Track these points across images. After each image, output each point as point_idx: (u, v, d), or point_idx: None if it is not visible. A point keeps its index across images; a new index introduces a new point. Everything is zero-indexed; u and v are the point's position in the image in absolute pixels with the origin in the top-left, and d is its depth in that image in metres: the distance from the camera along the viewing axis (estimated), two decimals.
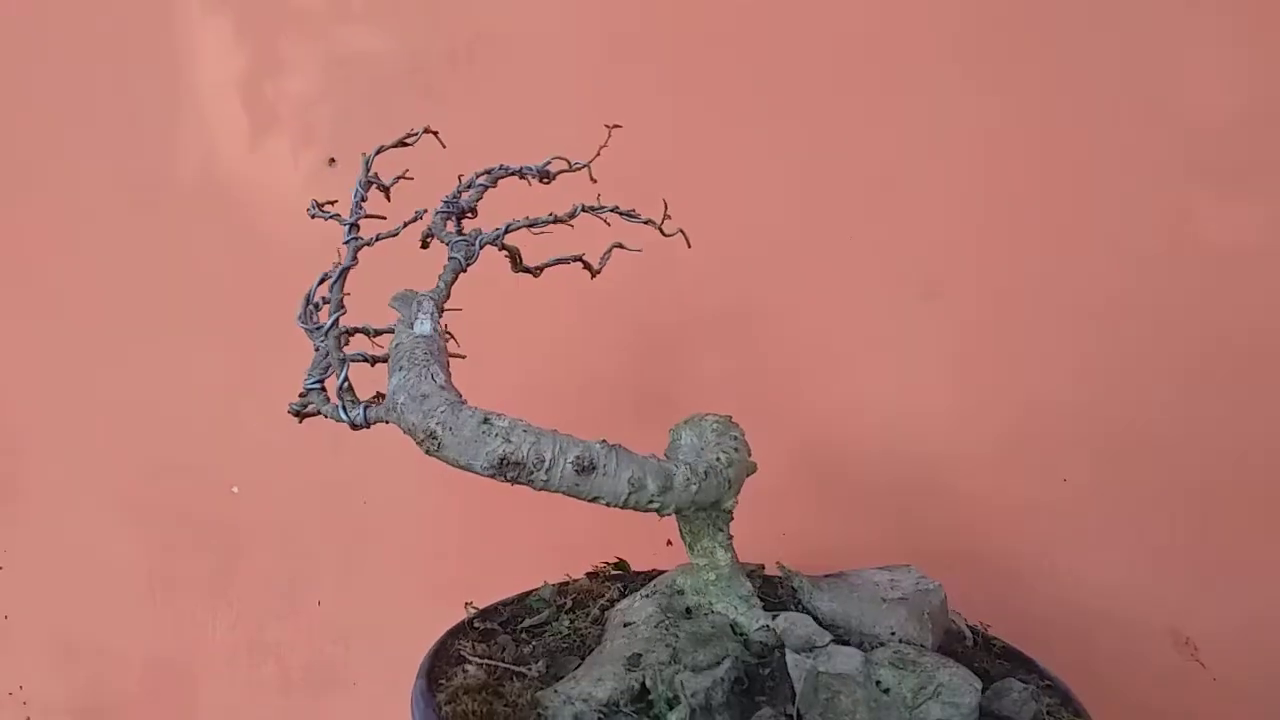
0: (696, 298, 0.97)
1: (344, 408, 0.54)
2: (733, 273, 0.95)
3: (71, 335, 1.31)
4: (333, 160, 1.09)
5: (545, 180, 0.71)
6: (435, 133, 0.64)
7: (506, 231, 0.62)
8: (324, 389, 0.56)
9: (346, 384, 0.54)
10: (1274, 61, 0.79)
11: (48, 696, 1.39)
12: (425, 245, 0.66)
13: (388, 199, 0.63)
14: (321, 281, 0.61)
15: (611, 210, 0.68)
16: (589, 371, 0.99)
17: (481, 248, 0.62)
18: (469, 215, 0.68)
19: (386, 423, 0.53)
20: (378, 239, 0.57)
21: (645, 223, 0.68)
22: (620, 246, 0.72)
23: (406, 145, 0.60)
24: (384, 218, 0.60)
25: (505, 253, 0.67)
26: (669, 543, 0.82)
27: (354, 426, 0.54)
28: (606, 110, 0.96)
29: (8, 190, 1.31)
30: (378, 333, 0.66)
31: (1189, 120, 0.82)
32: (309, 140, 1.12)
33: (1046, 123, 0.86)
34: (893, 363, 0.91)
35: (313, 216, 0.58)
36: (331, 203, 0.59)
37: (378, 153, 0.59)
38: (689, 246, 0.71)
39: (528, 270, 0.69)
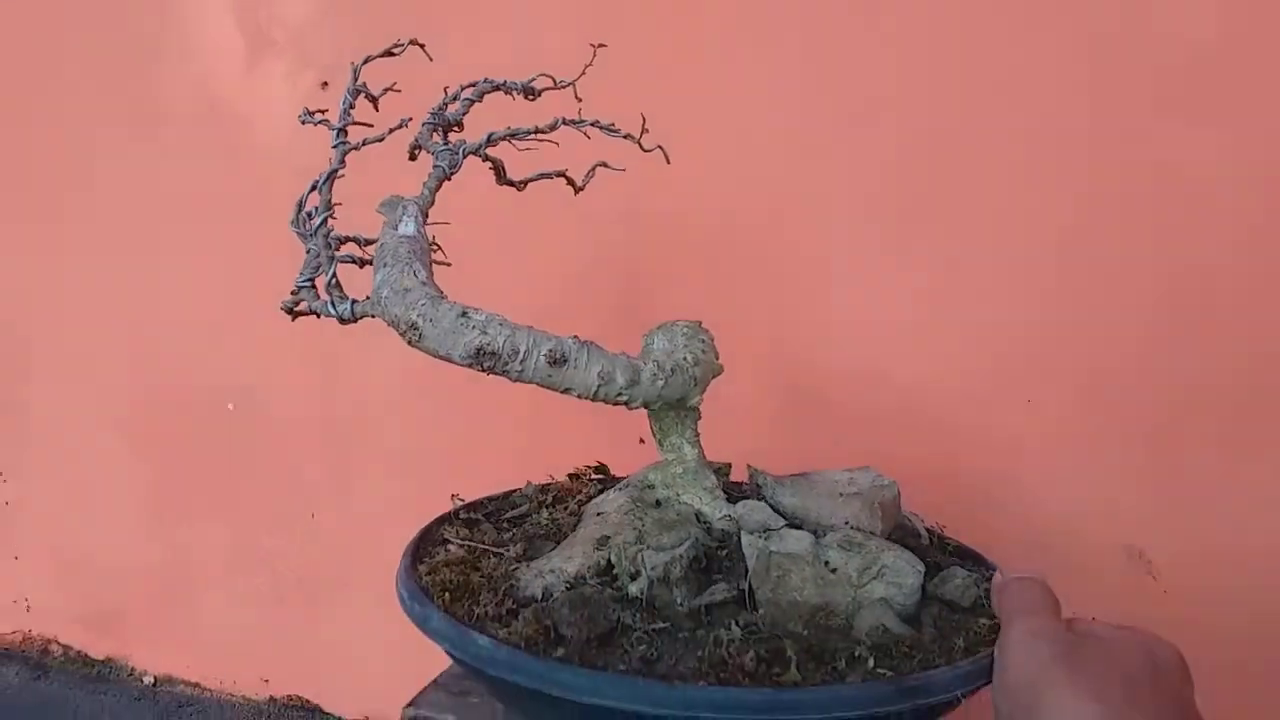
0: (678, 216, 0.99)
1: (332, 303, 0.57)
2: (714, 191, 0.97)
3: (73, 258, 1.35)
4: (325, 84, 1.12)
5: (530, 97, 0.73)
6: (422, 45, 0.66)
7: (489, 142, 0.65)
8: (314, 287, 0.60)
9: (334, 280, 0.58)
10: None
11: (50, 606, 1.46)
12: (413, 157, 0.69)
13: (376, 109, 0.66)
14: (313, 189, 0.64)
15: (591, 124, 0.70)
16: (571, 283, 1.03)
17: (465, 157, 0.65)
18: (455, 129, 0.71)
19: (372, 316, 0.56)
20: (364, 143, 0.60)
21: (625, 137, 0.71)
22: (604, 165, 0.75)
23: (393, 55, 0.63)
24: (371, 125, 0.63)
25: (490, 165, 0.70)
26: (641, 441, 0.86)
27: (342, 320, 0.58)
28: (596, 29, 0.99)
29: (12, 115, 1.34)
30: (368, 242, 0.69)
31: (1156, 50, 0.83)
32: (303, 64, 1.14)
33: (1021, 55, 0.88)
34: (868, 285, 0.95)
35: (303, 122, 0.60)
36: (323, 111, 0.62)
37: (365, 62, 0.62)
38: (668, 162, 0.74)
39: (512, 183, 0.72)
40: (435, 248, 0.71)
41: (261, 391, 1.27)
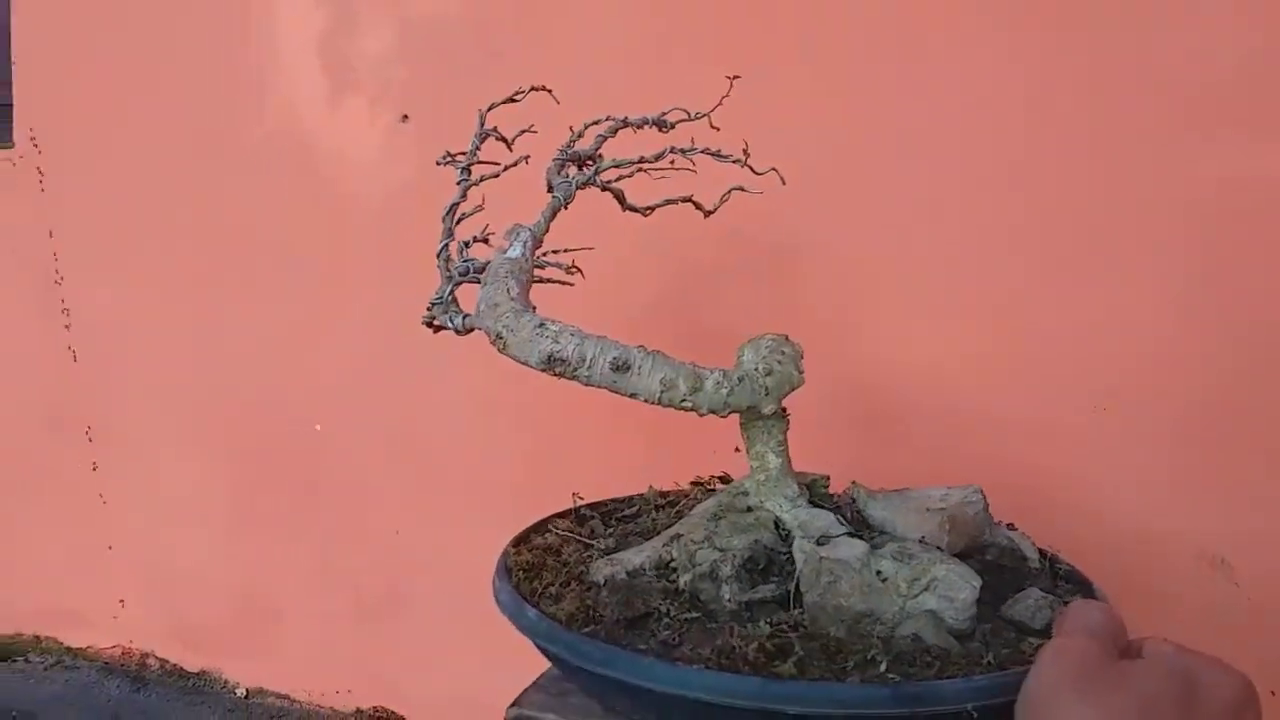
0: (757, 235, 1.02)
1: (450, 318, 0.67)
2: (788, 211, 0.98)
3: (165, 287, 1.45)
4: (405, 117, 1.19)
5: (663, 129, 0.80)
6: (549, 90, 0.75)
7: (596, 173, 0.72)
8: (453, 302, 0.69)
9: (451, 298, 0.67)
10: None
11: (146, 621, 1.55)
12: (550, 189, 0.78)
13: (510, 149, 0.75)
14: (459, 220, 0.74)
15: (702, 152, 0.75)
16: (660, 301, 1.08)
17: (577, 189, 0.72)
18: (590, 162, 0.78)
19: (476, 328, 0.65)
20: (481, 180, 0.69)
21: (734, 162, 0.75)
22: (740, 189, 0.80)
23: (515, 101, 0.71)
24: (499, 163, 0.72)
25: (612, 194, 0.77)
26: (736, 449, 0.88)
27: (457, 332, 0.66)
28: (660, 63, 1.07)
29: (108, 150, 1.45)
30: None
31: (1199, 66, 0.85)
32: (383, 98, 1.21)
33: (1072, 76, 0.91)
34: (937, 298, 0.98)
35: (439, 164, 0.70)
36: (461, 154, 0.71)
37: (490, 109, 0.71)
38: (783, 183, 0.77)
39: (636, 210, 0.79)
40: (574, 270, 0.79)
41: (346, 412, 1.33)
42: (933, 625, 0.53)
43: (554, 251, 0.81)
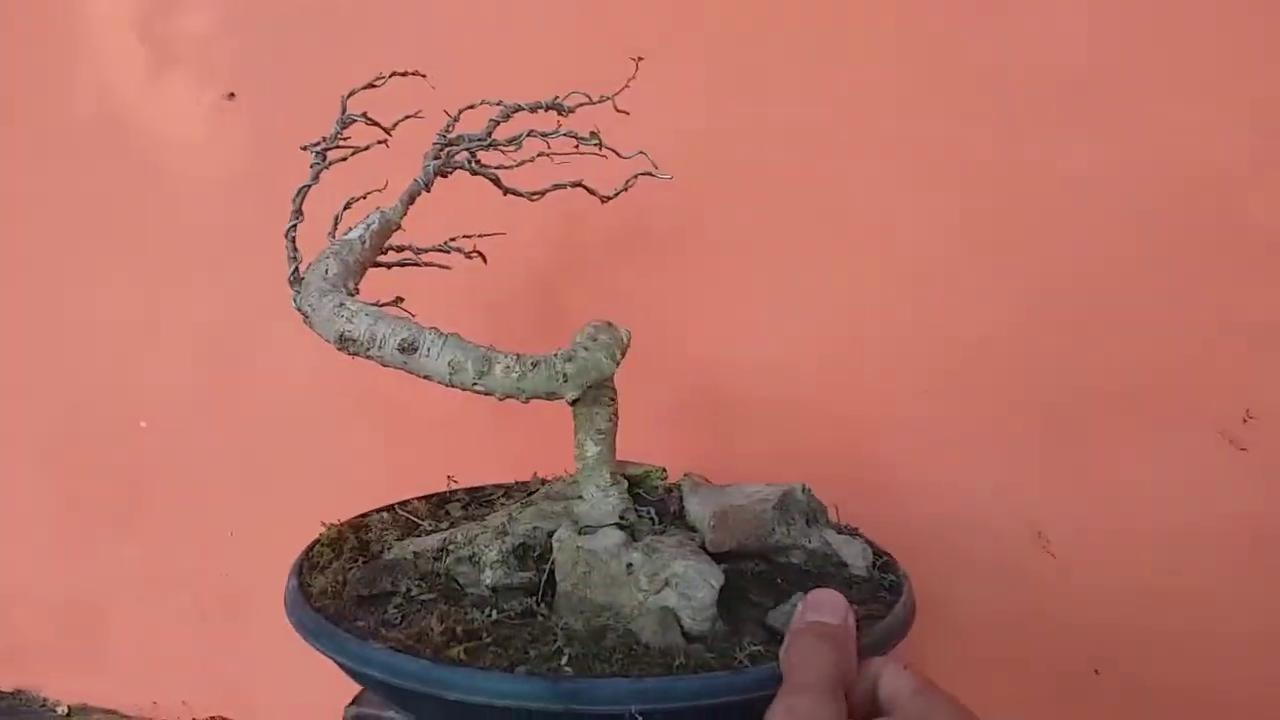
0: (615, 220, 0.95)
1: (294, 298, 0.69)
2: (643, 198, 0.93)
3: None
4: (232, 94, 1.13)
5: (561, 114, 0.79)
6: (422, 74, 0.75)
7: (448, 160, 0.72)
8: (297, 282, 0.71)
9: (294, 276, 0.69)
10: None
11: None
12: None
13: (388, 134, 0.76)
14: (347, 206, 0.76)
15: (565, 135, 0.73)
16: (510, 289, 1.03)
17: (435, 175, 0.72)
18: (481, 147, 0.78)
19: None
20: (329, 165, 0.71)
21: (597, 145, 0.73)
22: (649, 174, 0.78)
23: (375, 87, 0.72)
24: (367, 148, 0.73)
25: (485, 178, 0.77)
26: None
27: (298, 310, 0.69)
28: (511, 46, 1.03)
29: None
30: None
31: (1035, 56, 0.85)
32: (209, 76, 1.14)
33: (896, 61, 0.89)
34: (769, 290, 0.95)
35: (303, 149, 0.72)
36: (324, 140, 0.73)
37: (350, 95, 0.72)
38: (655, 168, 0.75)
39: (519, 194, 0.78)
40: (475, 255, 0.80)
41: (173, 408, 1.24)
42: (662, 623, 0.51)
43: (464, 236, 0.82)
